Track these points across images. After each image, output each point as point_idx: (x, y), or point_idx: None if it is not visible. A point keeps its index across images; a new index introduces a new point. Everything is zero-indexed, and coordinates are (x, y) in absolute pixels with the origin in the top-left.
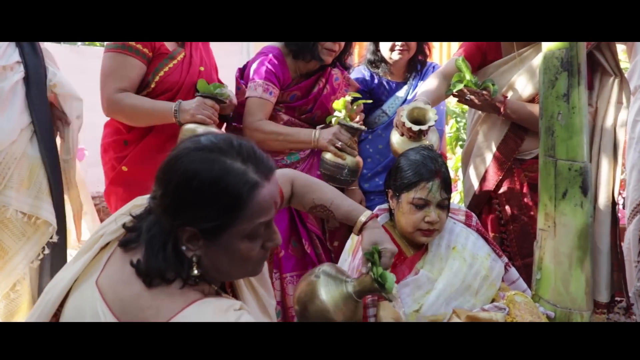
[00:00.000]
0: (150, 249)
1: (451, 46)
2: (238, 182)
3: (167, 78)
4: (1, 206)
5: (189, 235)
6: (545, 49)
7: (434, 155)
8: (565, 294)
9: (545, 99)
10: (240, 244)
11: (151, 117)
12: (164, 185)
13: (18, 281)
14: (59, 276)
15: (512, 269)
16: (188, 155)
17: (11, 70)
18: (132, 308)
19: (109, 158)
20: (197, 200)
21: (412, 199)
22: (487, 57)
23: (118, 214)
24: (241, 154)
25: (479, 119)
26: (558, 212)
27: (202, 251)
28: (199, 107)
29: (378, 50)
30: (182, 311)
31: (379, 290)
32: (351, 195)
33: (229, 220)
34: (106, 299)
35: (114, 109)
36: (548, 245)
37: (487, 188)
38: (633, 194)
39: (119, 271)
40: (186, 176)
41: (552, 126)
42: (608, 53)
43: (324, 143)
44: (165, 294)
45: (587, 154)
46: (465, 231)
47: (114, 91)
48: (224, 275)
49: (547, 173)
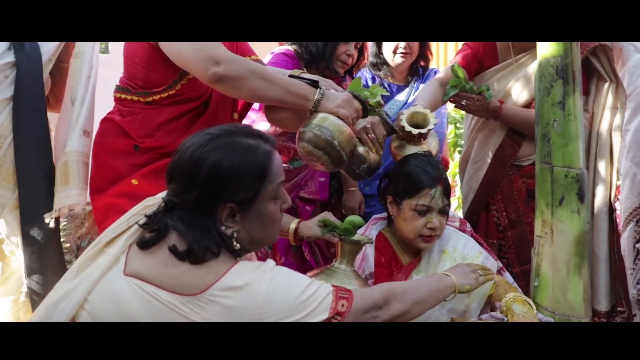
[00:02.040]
0: (193, 234)
1: (448, 52)
2: (258, 153)
3: (195, 84)
4: None
5: (228, 213)
6: (541, 57)
7: (434, 162)
8: (563, 301)
9: (541, 106)
10: (270, 207)
11: (284, 91)
12: (194, 179)
13: None
14: (64, 287)
15: (506, 274)
16: (207, 146)
17: (5, 78)
18: (191, 279)
19: (111, 160)
20: (231, 177)
21: (415, 206)
22: (483, 63)
23: (129, 215)
24: (249, 134)
25: (476, 125)
26: (555, 219)
27: (239, 226)
28: (346, 103)
29: (381, 53)
30: (232, 267)
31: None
32: (351, 197)
33: (260, 186)
34: (152, 281)
35: (236, 69)
36: (545, 252)
37: (484, 194)
38: (626, 202)
39: (149, 261)
40: (216, 161)
41: (548, 133)
42: (604, 58)
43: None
44: (214, 261)
45: (584, 161)
46: (455, 234)
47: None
48: (256, 244)
49: (543, 180)
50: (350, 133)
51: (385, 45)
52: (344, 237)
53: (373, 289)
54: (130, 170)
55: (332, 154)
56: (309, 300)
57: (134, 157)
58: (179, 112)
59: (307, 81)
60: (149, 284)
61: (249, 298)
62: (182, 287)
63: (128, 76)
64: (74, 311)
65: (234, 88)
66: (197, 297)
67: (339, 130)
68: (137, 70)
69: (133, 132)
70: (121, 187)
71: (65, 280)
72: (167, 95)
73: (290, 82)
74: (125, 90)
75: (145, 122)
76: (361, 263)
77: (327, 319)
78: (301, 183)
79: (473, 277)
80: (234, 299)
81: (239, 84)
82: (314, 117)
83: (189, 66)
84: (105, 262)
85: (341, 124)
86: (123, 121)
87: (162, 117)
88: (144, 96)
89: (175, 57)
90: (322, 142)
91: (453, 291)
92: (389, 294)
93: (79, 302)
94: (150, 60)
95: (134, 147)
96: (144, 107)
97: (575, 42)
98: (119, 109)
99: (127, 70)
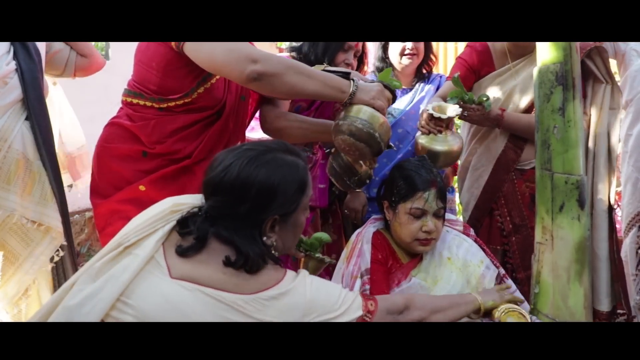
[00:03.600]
0: (243, 244)
1: (448, 55)
2: (300, 169)
3: (212, 93)
4: (8, 213)
5: (271, 224)
6: (540, 63)
7: (428, 166)
8: (564, 308)
9: (541, 112)
10: (302, 216)
11: (321, 84)
12: (244, 193)
13: (29, 285)
14: (83, 290)
15: (508, 281)
16: (255, 162)
17: (4, 84)
18: (253, 285)
19: (117, 166)
20: (279, 193)
21: (410, 209)
22: (480, 73)
23: (153, 219)
24: (285, 150)
25: (477, 133)
26: (555, 226)
27: (277, 236)
28: (380, 94)
29: (387, 57)
30: (286, 273)
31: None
32: (355, 198)
33: (300, 199)
34: (213, 285)
35: (274, 65)
36: (546, 259)
37: (487, 200)
38: (628, 207)
39: (205, 266)
40: (266, 179)
41: (548, 139)
42: (599, 60)
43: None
44: (266, 270)
45: (584, 167)
46: (458, 238)
47: None
48: (284, 252)
49: (543, 186)
50: (387, 123)
51: (392, 48)
52: (309, 253)
53: (396, 294)
54: (137, 176)
55: (373, 146)
56: (344, 299)
57: (141, 163)
58: (192, 120)
59: (339, 74)
60: (208, 288)
61: (300, 296)
62: (245, 290)
63: (140, 80)
64: (102, 314)
65: (272, 85)
66: (258, 296)
67: (378, 121)
68: (151, 75)
69: (144, 137)
70: (127, 193)
71: (84, 283)
72: (182, 102)
73: (326, 76)
74: (138, 95)
75: (158, 128)
76: (357, 260)
77: (361, 316)
78: None
79: (498, 295)
80: (289, 298)
81: (277, 80)
82: (350, 109)
83: (222, 68)
84: (134, 264)
85: (379, 115)
86: (133, 126)
87: (176, 124)
88: (158, 102)
89: (205, 60)
90: (365, 134)
91: (477, 307)
92: (410, 301)
93: (108, 305)
94: (168, 65)
95: (142, 153)
96: (157, 113)
97: (575, 49)
98: (128, 113)
99: (139, 74)
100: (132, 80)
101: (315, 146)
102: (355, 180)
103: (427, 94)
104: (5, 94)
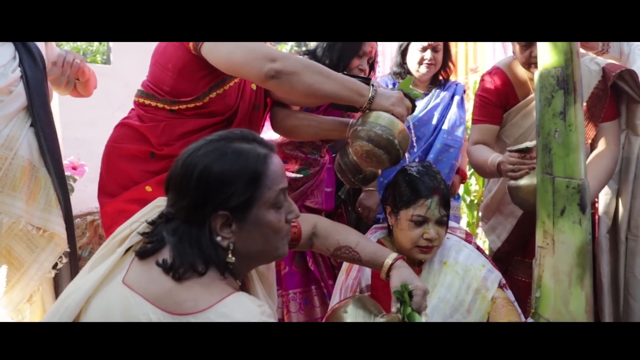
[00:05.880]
0: (180, 247)
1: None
2: (251, 156)
3: (224, 99)
4: (14, 220)
5: (222, 222)
6: (541, 68)
7: (432, 172)
8: (565, 312)
9: (542, 116)
10: (269, 215)
11: (339, 85)
12: (185, 186)
13: (34, 291)
14: (76, 283)
15: (508, 291)
16: (198, 152)
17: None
18: (169, 302)
19: (125, 165)
20: (221, 183)
21: (411, 216)
22: (507, 106)
23: (136, 217)
24: (243, 138)
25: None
26: (556, 230)
27: (235, 237)
28: (400, 101)
29: (404, 63)
30: (222, 300)
31: None
32: (369, 197)
33: (254, 192)
34: (142, 294)
35: (292, 64)
36: (547, 263)
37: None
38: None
39: (144, 273)
40: (205, 167)
41: (549, 144)
42: (631, 80)
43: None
44: (199, 285)
45: (585, 171)
46: (458, 244)
47: None
48: (258, 259)
49: (544, 190)
50: (406, 132)
51: (410, 55)
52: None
53: None
54: (144, 177)
55: (392, 153)
56: None
57: (149, 164)
58: (202, 124)
59: (358, 78)
60: (138, 296)
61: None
62: (174, 307)
63: (154, 81)
64: (76, 310)
65: (290, 84)
66: (182, 318)
67: (397, 128)
68: (166, 76)
69: (154, 138)
70: (134, 193)
71: (80, 277)
72: (193, 106)
73: (344, 77)
74: (151, 96)
75: (167, 131)
76: (357, 274)
77: None
78: (307, 192)
79: (409, 278)
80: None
81: (295, 79)
82: (369, 115)
83: (241, 67)
84: (109, 263)
85: (398, 122)
86: (143, 127)
87: (185, 127)
88: (169, 104)
89: (223, 60)
90: (384, 141)
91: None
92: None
93: (81, 302)
94: (183, 67)
95: (150, 154)
96: (167, 116)
97: (576, 53)
98: (139, 114)
99: (154, 75)
100: (146, 82)
101: (323, 150)
102: (360, 178)
103: (441, 100)
104: (10, 102)
